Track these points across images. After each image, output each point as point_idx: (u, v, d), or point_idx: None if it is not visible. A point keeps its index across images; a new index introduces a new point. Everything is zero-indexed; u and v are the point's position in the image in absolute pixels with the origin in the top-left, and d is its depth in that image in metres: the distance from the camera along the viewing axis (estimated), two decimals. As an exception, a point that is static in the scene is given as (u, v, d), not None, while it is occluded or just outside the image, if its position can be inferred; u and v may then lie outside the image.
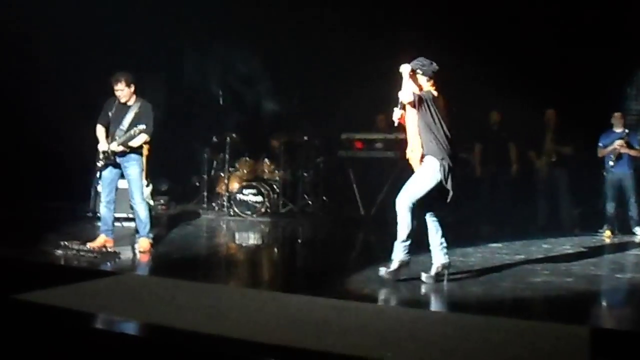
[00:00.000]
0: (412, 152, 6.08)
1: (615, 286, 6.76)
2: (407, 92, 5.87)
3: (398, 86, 6.04)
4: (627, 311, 5.69)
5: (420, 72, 6.02)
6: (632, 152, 9.65)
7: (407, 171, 10.87)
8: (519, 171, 10.67)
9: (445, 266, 6.10)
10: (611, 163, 9.62)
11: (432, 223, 6.11)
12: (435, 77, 6.06)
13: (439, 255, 6.09)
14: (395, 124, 6.06)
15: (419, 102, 5.86)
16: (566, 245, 8.78)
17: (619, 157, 9.59)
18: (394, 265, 5.99)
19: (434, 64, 6.08)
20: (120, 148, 7.20)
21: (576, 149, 10.11)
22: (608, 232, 9.57)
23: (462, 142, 11.10)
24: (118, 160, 7.31)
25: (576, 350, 4.02)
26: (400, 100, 5.96)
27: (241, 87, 13.74)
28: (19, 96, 10.84)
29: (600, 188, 9.89)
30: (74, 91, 10.91)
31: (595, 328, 4.56)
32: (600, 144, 9.87)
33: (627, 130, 9.73)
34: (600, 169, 9.86)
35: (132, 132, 7.14)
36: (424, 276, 6.01)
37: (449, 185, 5.98)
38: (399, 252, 5.99)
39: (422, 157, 5.99)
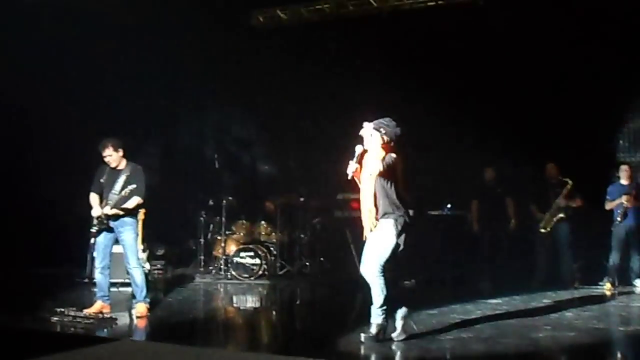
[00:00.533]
0: (368, 211, 5.96)
1: (619, 339, 6.69)
2: (373, 164, 5.88)
3: (359, 139, 6.07)
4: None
5: (383, 132, 6.03)
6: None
7: (402, 228, 10.90)
8: (517, 226, 10.64)
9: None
10: (619, 219, 9.58)
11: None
12: (396, 140, 6.08)
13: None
14: (349, 178, 6.02)
15: (386, 169, 5.87)
16: (567, 300, 8.71)
17: (625, 213, 9.56)
18: (373, 329, 5.94)
19: (398, 128, 6.10)
20: (114, 211, 7.21)
21: (584, 201, 10.06)
22: (608, 285, 9.49)
23: (458, 199, 11.22)
24: (112, 224, 7.31)
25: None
26: (356, 154, 5.98)
27: (236, 149, 13.88)
28: (14, 161, 10.89)
29: (599, 240, 9.85)
30: (68, 156, 10.95)
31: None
32: (607, 197, 9.87)
33: (635, 184, 9.73)
34: (603, 222, 9.83)
35: (124, 193, 7.17)
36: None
37: (400, 240, 5.94)
38: (377, 317, 5.95)
39: (376, 215, 5.92)
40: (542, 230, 9.99)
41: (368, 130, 6.06)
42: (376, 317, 5.95)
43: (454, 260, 10.96)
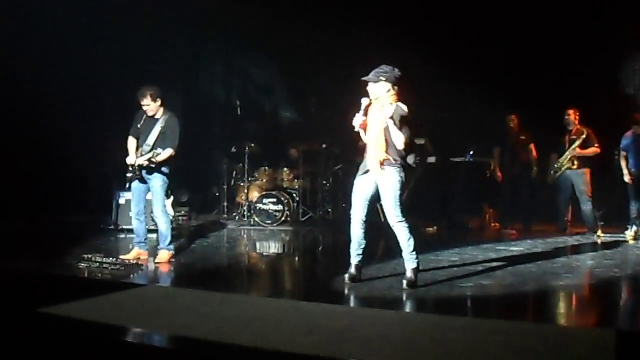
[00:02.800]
0: (374, 157, 5.97)
1: (638, 287, 6.71)
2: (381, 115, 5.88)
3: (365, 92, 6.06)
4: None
5: (384, 79, 6.01)
6: None
7: (428, 176, 10.95)
8: (539, 173, 10.59)
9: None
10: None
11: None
12: (398, 83, 6.06)
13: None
14: (355, 129, 6.03)
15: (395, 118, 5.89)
16: (589, 247, 8.72)
17: None
18: (409, 274, 6.02)
19: (396, 70, 6.07)
20: (145, 163, 7.27)
21: (599, 148, 9.97)
22: (632, 233, 9.46)
23: (481, 146, 11.16)
24: (144, 174, 7.38)
25: (603, 353, 3.98)
26: (363, 106, 5.98)
27: (259, 96, 13.84)
28: (40, 112, 10.97)
29: (622, 187, 9.77)
30: (92, 105, 11.03)
31: (621, 330, 4.52)
32: (621, 147, 9.77)
33: None
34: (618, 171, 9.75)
35: (152, 153, 7.21)
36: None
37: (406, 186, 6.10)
38: (411, 261, 6.04)
39: (382, 163, 5.94)
40: (553, 174, 9.97)
41: (372, 80, 6.04)
42: (410, 261, 6.03)
43: (476, 206, 10.97)
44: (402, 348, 4.11)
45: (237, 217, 11.57)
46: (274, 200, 10.99)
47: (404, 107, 6.01)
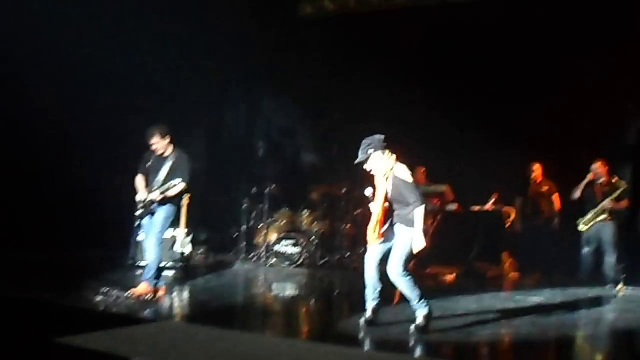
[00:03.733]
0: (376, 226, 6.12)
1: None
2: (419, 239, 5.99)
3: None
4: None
5: (373, 151, 6.16)
6: None
7: (445, 223, 10.92)
8: (561, 224, 10.51)
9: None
10: None
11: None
12: (389, 146, 6.21)
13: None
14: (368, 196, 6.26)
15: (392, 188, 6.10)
16: (609, 300, 8.60)
17: None
18: (420, 320, 5.99)
19: (378, 136, 6.23)
20: (159, 197, 7.33)
21: (630, 201, 9.90)
22: (653, 288, 9.33)
23: (503, 196, 11.12)
24: (153, 208, 7.42)
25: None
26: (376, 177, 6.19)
27: (281, 138, 13.95)
28: (63, 146, 11.13)
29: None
30: (116, 141, 11.17)
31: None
32: None
33: None
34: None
35: (167, 185, 7.29)
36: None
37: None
38: (421, 309, 6.02)
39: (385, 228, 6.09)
40: (582, 228, 9.84)
41: (363, 159, 6.21)
42: (420, 309, 6.02)
43: (496, 255, 10.88)
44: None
45: (255, 258, 11.56)
46: (293, 242, 10.98)
47: (403, 172, 6.13)
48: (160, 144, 7.43)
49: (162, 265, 8.47)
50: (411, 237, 5.98)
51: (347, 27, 12.61)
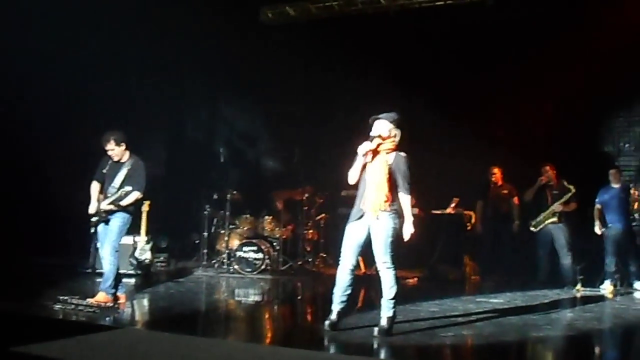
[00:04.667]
0: (373, 202, 6.01)
1: (618, 341, 6.72)
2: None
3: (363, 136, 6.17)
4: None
5: (390, 120, 6.21)
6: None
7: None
8: (520, 227, 10.67)
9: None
10: (637, 215, 9.60)
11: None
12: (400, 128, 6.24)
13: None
14: (359, 155, 6.06)
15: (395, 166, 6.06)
16: (568, 301, 8.74)
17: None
18: (384, 322, 5.97)
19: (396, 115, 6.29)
20: (111, 207, 7.23)
21: (579, 204, 10.10)
22: (610, 287, 9.50)
23: (463, 199, 11.23)
24: (109, 217, 7.31)
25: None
26: (374, 136, 6.07)
27: (242, 144, 13.90)
28: (19, 153, 10.93)
29: (600, 242, 9.84)
30: (74, 147, 11.00)
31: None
32: (597, 200, 9.91)
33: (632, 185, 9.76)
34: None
35: (119, 193, 7.19)
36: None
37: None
38: (388, 310, 6.00)
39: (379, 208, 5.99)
40: (532, 229, 10.04)
41: (383, 125, 6.15)
42: (387, 310, 5.99)
43: (457, 259, 10.97)
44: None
45: (216, 265, 11.46)
46: (255, 248, 10.92)
47: (404, 155, 6.14)
48: (115, 151, 7.32)
49: (122, 272, 8.38)
50: (394, 222, 5.95)
51: (309, 32, 12.64)
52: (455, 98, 11.59)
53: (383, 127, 6.12)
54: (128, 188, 7.19)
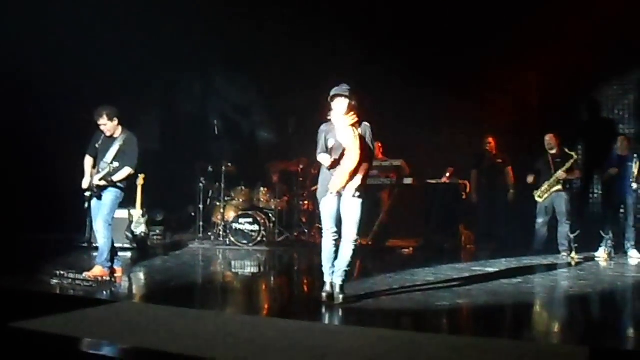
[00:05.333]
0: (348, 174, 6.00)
1: (612, 307, 6.77)
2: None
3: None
4: (624, 331, 5.66)
5: (348, 96, 6.12)
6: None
7: (402, 197, 11.01)
8: (515, 196, 10.71)
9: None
10: (635, 185, 9.61)
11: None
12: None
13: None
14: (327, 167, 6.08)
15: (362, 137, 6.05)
16: (563, 268, 8.79)
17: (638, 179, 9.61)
18: (335, 288, 6.10)
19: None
20: (103, 182, 7.20)
21: (582, 172, 10.12)
22: (605, 255, 9.56)
23: (458, 169, 11.25)
24: (101, 192, 7.29)
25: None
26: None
27: (237, 116, 13.84)
28: (14, 128, 10.87)
29: (596, 210, 9.89)
30: (68, 122, 10.94)
31: (594, 348, 4.54)
32: (606, 167, 9.92)
33: (635, 155, 9.73)
34: (595, 192, 9.88)
35: (109, 168, 7.15)
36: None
37: None
38: (340, 277, 6.10)
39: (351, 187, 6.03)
40: (538, 199, 10.02)
41: (343, 103, 6.09)
42: (341, 278, 6.09)
43: (452, 228, 11.01)
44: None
45: (212, 237, 11.50)
46: (250, 220, 10.94)
47: (369, 125, 6.15)
48: (108, 125, 7.28)
49: (118, 246, 8.38)
50: (363, 200, 6.05)
51: (299, 1, 12.50)
52: (450, 68, 11.52)
53: (343, 105, 6.05)
54: (116, 164, 7.16)
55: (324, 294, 6.15)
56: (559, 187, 9.87)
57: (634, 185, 9.59)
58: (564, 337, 5.37)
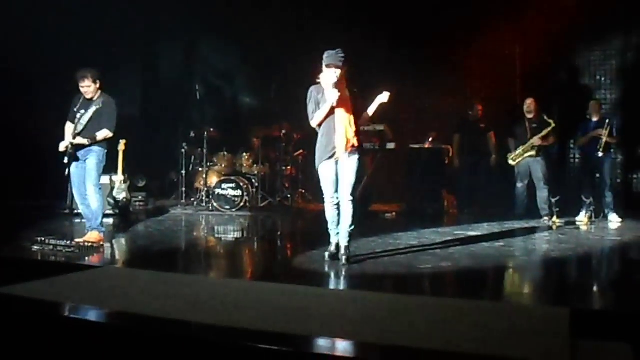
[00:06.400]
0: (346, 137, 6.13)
1: (593, 270, 6.86)
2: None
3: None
4: (604, 292, 5.73)
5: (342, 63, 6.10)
6: (613, 141, 9.79)
7: (385, 161, 11.01)
8: (498, 161, 10.75)
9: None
10: (600, 154, 9.66)
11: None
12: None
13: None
14: (334, 104, 6.05)
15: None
16: (544, 232, 8.86)
17: (607, 145, 9.66)
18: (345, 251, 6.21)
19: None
20: (78, 141, 7.10)
21: (557, 139, 10.17)
22: (585, 219, 9.65)
23: (441, 133, 11.27)
24: (79, 153, 7.21)
25: (557, 329, 4.04)
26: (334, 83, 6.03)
27: (218, 81, 13.72)
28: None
29: (575, 175, 9.96)
30: (48, 88, 10.80)
31: (574, 308, 4.59)
32: (579, 133, 10.00)
33: (607, 120, 9.79)
34: (575, 157, 9.94)
35: (88, 124, 7.08)
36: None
37: None
38: (347, 239, 6.22)
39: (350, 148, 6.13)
40: (511, 162, 10.06)
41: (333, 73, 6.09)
42: (346, 239, 6.21)
43: (435, 193, 11.05)
44: (361, 325, 4.11)
45: (195, 203, 11.47)
46: (233, 185, 10.91)
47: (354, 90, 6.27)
48: (91, 88, 7.21)
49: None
50: (360, 158, 6.19)
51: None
52: (432, 33, 11.45)
53: (335, 75, 6.05)
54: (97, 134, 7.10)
55: (327, 253, 6.33)
56: (533, 152, 9.89)
57: (600, 154, 9.65)
58: (546, 298, 5.43)
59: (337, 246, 6.30)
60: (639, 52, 11.47)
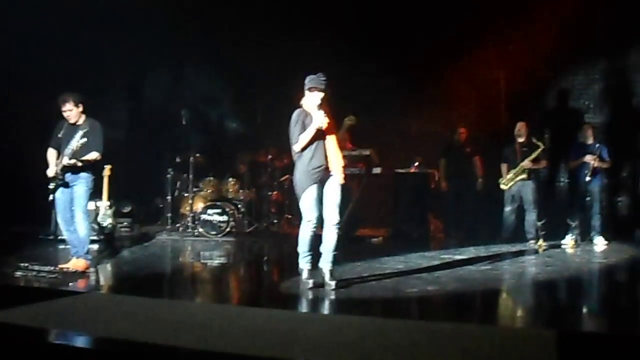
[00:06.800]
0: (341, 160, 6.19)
1: (580, 293, 6.87)
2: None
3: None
4: (591, 314, 5.73)
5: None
6: (604, 165, 9.85)
7: (371, 186, 11.02)
8: (484, 184, 10.79)
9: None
10: (587, 178, 9.73)
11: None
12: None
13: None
14: (321, 126, 6.09)
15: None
16: (531, 256, 8.88)
17: (594, 171, 9.72)
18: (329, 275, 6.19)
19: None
20: (68, 162, 7.05)
21: (549, 162, 10.25)
22: (572, 242, 9.68)
23: (427, 158, 11.31)
24: (67, 179, 7.17)
25: (545, 352, 4.03)
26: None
27: (204, 106, 13.73)
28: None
29: (562, 198, 10.00)
30: (35, 113, 10.76)
31: (562, 331, 4.58)
32: (572, 156, 10.06)
33: (598, 145, 9.87)
34: (562, 180, 9.99)
35: (77, 146, 7.02)
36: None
37: None
38: (329, 262, 6.19)
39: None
40: (503, 187, 10.08)
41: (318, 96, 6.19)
42: (330, 263, 6.17)
43: (421, 217, 11.06)
44: (347, 350, 4.08)
45: (181, 228, 11.40)
46: (219, 211, 10.86)
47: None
48: (73, 112, 7.17)
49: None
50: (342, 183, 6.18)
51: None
52: (418, 58, 11.53)
53: (318, 98, 6.15)
54: (84, 140, 7.00)
55: (310, 282, 6.16)
56: (524, 175, 9.90)
57: (587, 178, 9.72)
58: (532, 321, 5.43)
59: (321, 272, 6.20)
60: (622, 76, 11.58)
